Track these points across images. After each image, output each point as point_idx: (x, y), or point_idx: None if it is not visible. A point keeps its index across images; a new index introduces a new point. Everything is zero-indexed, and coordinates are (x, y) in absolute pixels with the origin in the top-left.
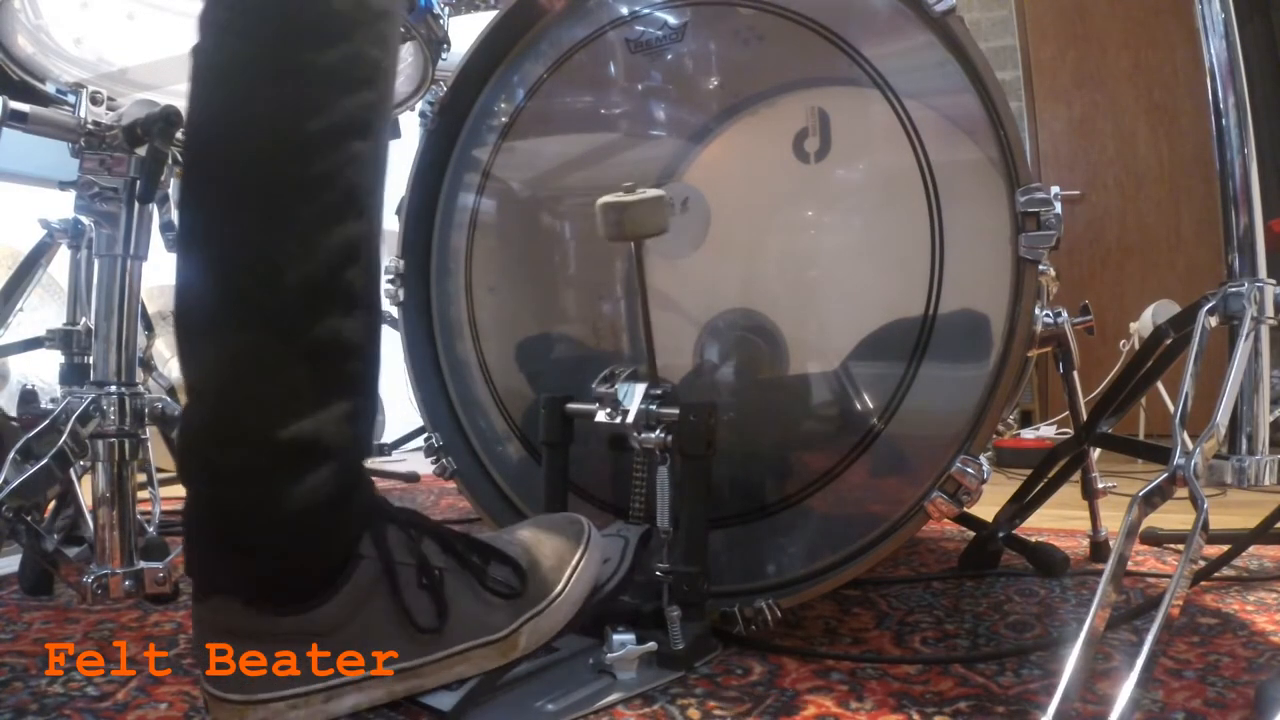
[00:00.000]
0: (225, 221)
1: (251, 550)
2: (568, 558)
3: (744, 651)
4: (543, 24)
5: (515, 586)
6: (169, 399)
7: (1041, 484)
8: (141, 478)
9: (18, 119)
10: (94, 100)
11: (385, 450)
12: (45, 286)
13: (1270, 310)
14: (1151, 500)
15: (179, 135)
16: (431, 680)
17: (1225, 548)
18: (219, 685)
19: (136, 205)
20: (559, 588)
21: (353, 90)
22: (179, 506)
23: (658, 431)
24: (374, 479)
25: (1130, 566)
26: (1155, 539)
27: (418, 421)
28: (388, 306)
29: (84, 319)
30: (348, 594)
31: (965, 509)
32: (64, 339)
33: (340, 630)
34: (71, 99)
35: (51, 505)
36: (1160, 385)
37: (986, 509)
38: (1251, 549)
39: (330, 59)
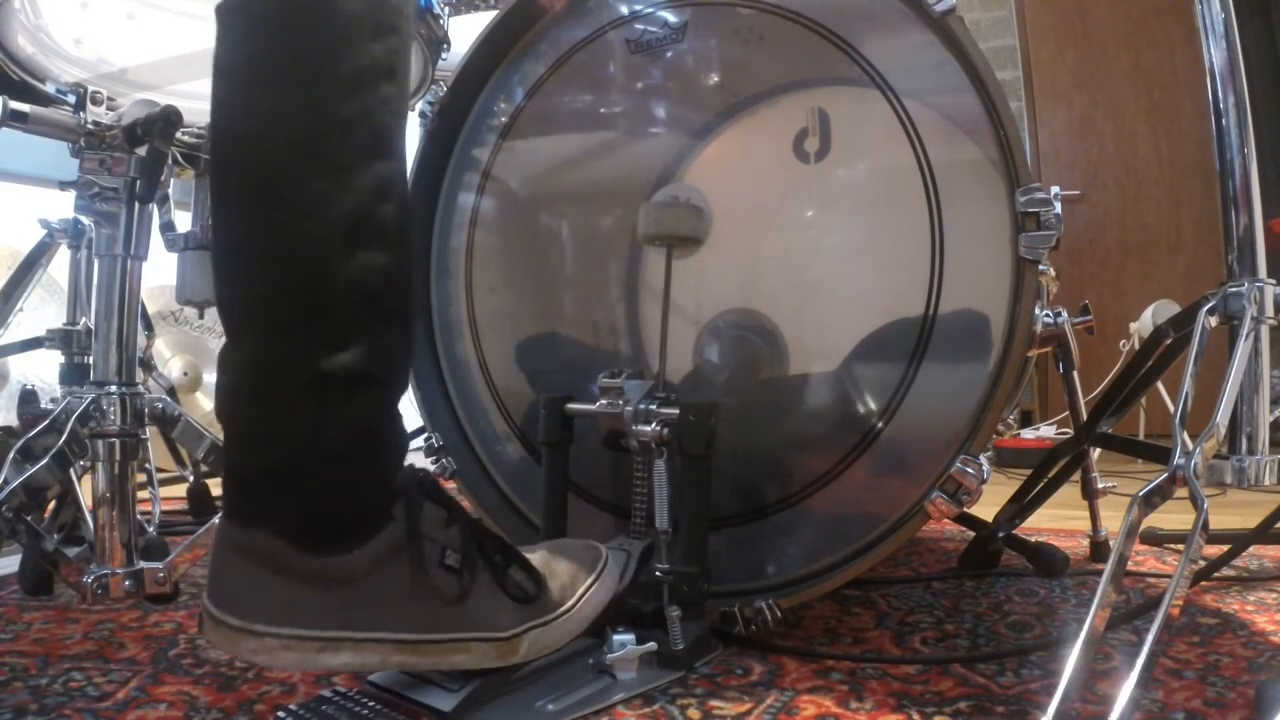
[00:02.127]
0: (261, 166)
1: (295, 482)
2: (581, 579)
3: (744, 651)
4: (543, 24)
5: (529, 592)
6: (169, 399)
7: (1041, 484)
8: (141, 478)
9: (18, 119)
10: (94, 100)
11: None
12: (45, 286)
13: (1270, 310)
14: (1151, 500)
15: (183, 133)
16: (427, 661)
17: (1225, 548)
18: (221, 605)
19: (136, 205)
20: (568, 605)
21: (379, 35)
22: (179, 506)
23: (654, 425)
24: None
25: (1130, 566)
26: (1155, 539)
27: (418, 421)
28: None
29: (84, 319)
30: (371, 550)
31: (965, 509)
32: (64, 339)
33: (355, 584)
34: (71, 99)
35: (51, 505)
36: (1160, 385)
37: (986, 509)
38: (1251, 549)
39: (356, 7)
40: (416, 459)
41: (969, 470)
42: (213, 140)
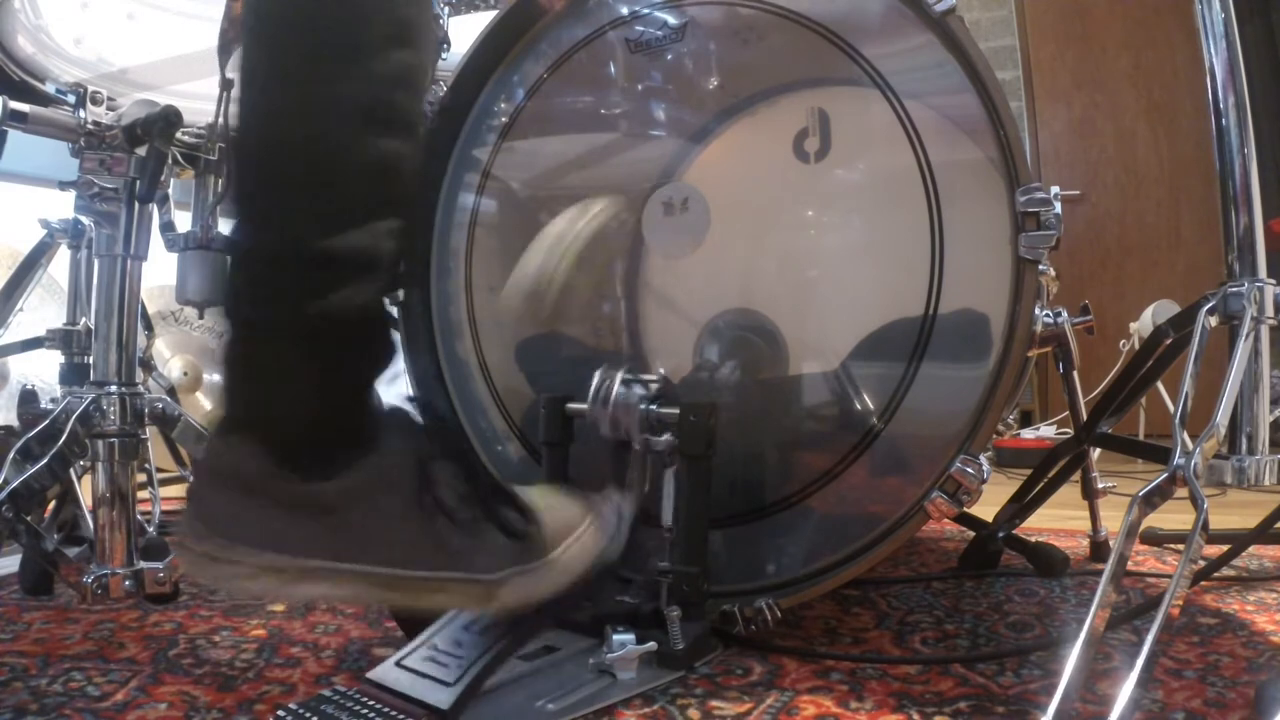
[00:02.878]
0: (285, 52)
1: (286, 373)
2: (572, 527)
3: (744, 651)
4: (543, 24)
5: (519, 529)
6: (169, 399)
7: (1041, 484)
8: (141, 478)
9: (18, 119)
10: (94, 100)
11: None
12: (45, 286)
13: (1270, 310)
14: (1151, 500)
15: (183, 133)
16: (406, 598)
17: (1225, 548)
18: (202, 524)
19: (136, 205)
20: (555, 552)
21: None
22: (179, 506)
23: (666, 435)
24: None
25: (1130, 566)
26: (1155, 539)
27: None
28: (387, 306)
29: (84, 319)
30: (359, 476)
31: (965, 509)
32: (64, 339)
33: (340, 512)
34: (71, 99)
35: (51, 505)
36: (1160, 385)
37: (986, 509)
38: (1251, 549)
39: None
40: None
41: (969, 470)
42: (245, 22)
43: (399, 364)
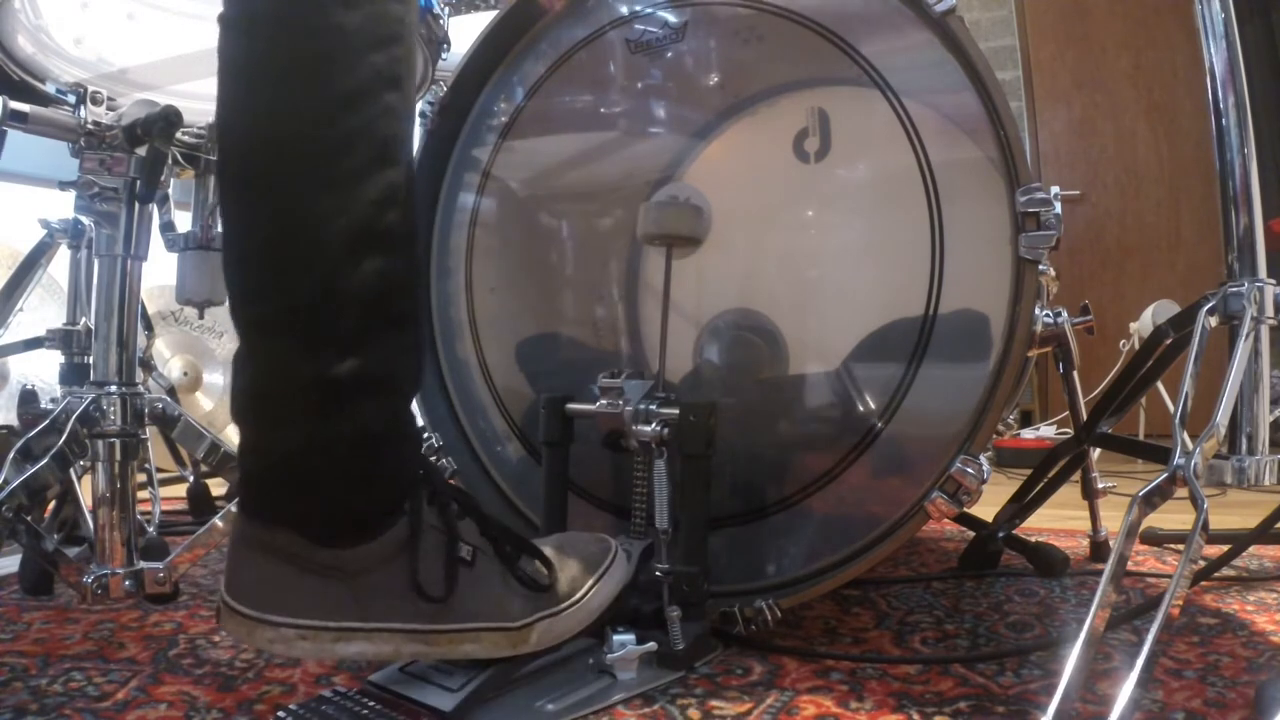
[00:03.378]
0: (268, 182)
1: (308, 485)
2: (590, 571)
3: (744, 651)
4: (543, 24)
5: (541, 582)
6: (169, 399)
7: (1041, 484)
8: (141, 478)
9: (18, 119)
10: (94, 100)
11: None
12: (45, 286)
13: (1270, 310)
14: (1151, 500)
15: (184, 133)
16: (439, 651)
17: (1225, 548)
18: (238, 597)
19: (136, 205)
20: (578, 596)
21: (380, 46)
22: (179, 506)
23: (654, 425)
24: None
25: (1130, 566)
26: (1155, 539)
27: (418, 421)
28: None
29: (84, 319)
30: (383, 543)
31: (965, 509)
32: (64, 339)
33: (368, 575)
34: (71, 99)
35: (51, 505)
36: (1160, 385)
37: (986, 509)
38: (1251, 549)
39: (356, 18)
40: None
41: (969, 470)
42: (220, 154)
43: None
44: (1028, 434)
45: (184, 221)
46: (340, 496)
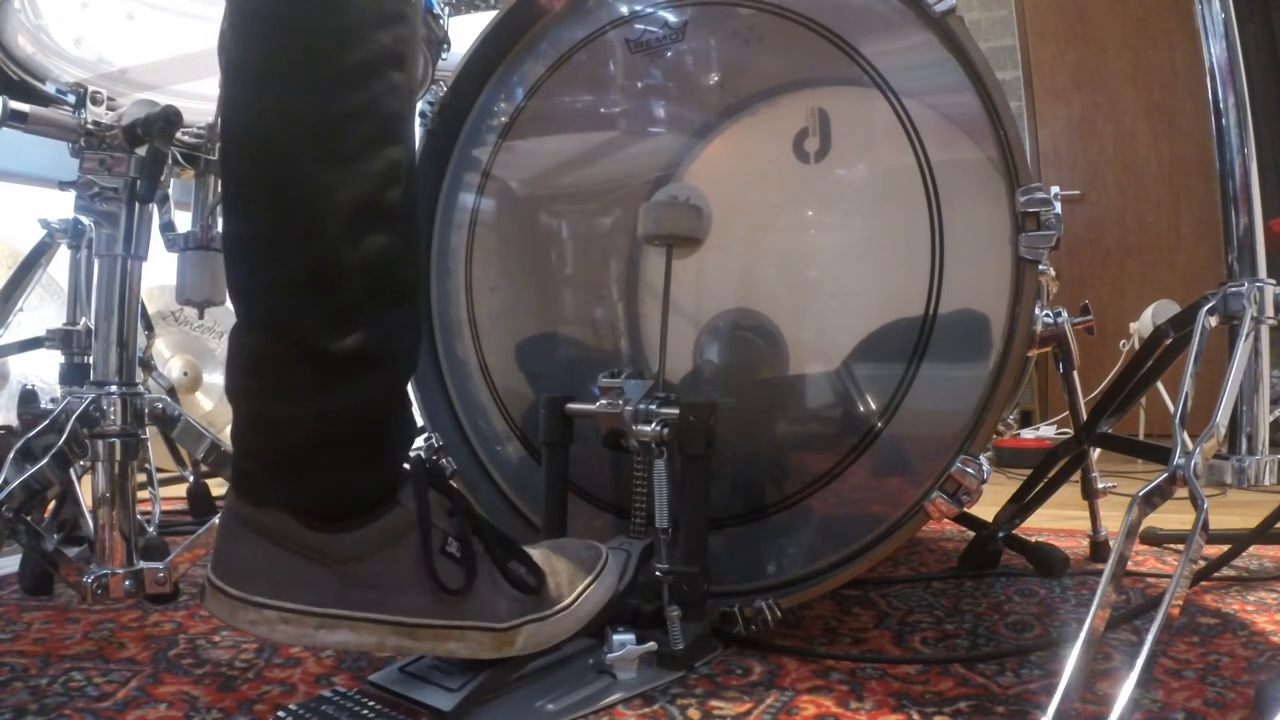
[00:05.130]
0: (272, 161)
1: (305, 463)
2: (580, 577)
3: (744, 651)
4: (543, 24)
5: (530, 585)
6: (169, 399)
7: (1041, 484)
8: (141, 478)
9: (18, 119)
10: (94, 100)
11: None
12: (45, 286)
13: (1270, 310)
14: (1151, 500)
15: (184, 133)
16: (423, 646)
17: (1225, 548)
18: (223, 576)
19: (136, 205)
20: (566, 601)
21: (386, 24)
22: (179, 506)
23: (654, 425)
24: None
25: (1130, 566)
26: (1155, 539)
27: (418, 421)
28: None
29: (84, 319)
30: (376, 530)
31: (965, 509)
32: (64, 339)
33: (358, 563)
34: (71, 99)
35: (51, 505)
36: (1160, 385)
37: (986, 509)
38: (1251, 549)
39: None
40: None
41: (969, 470)
42: (223, 137)
43: None
44: (1028, 434)
45: (184, 221)
46: (335, 474)
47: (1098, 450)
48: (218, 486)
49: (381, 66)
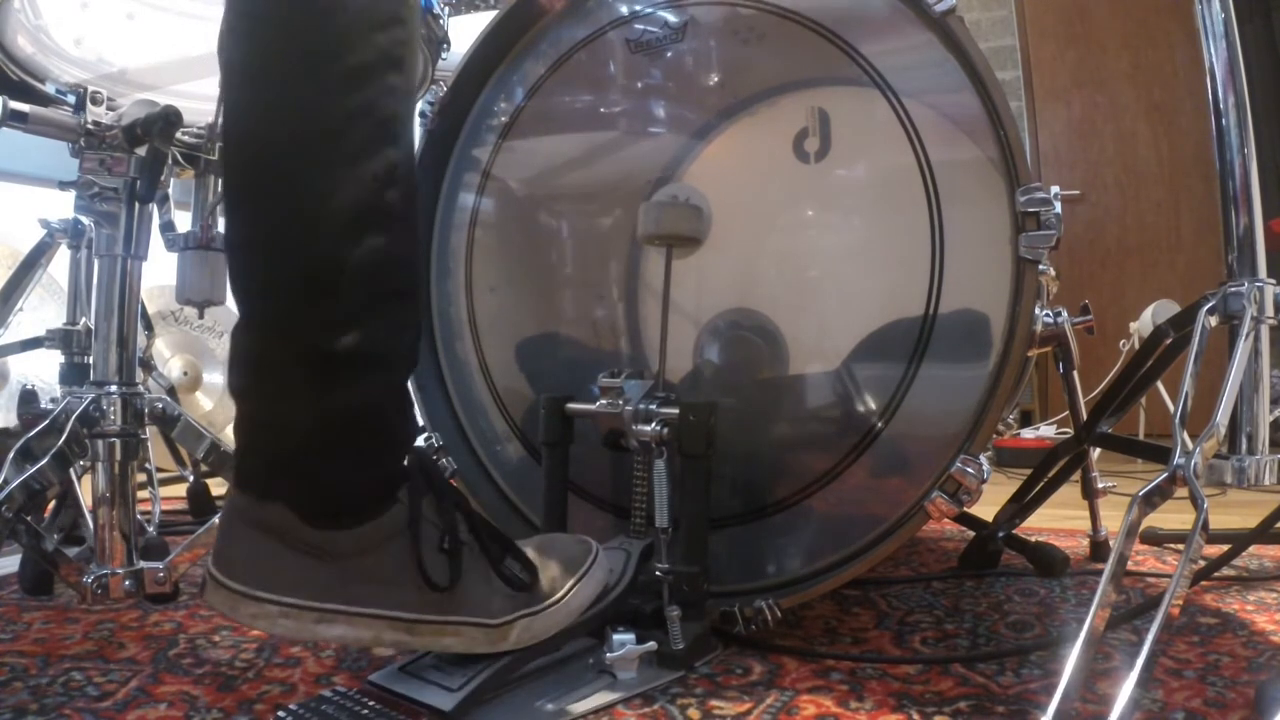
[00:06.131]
0: (271, 162)
1: (306, 461)
2: (571, 572)
3: (744, 651)
4: (543, 24)
5: (524, 580)
6: (169, 399)
7: (1041, 484)
8: (141, 478)
9: (18, 119)
10: (94, 100)
11: None
12: (45, 286)
13: (1270, 310)
14: (1151, 500)
15: (183, 133)
16: (419, 641)
17: (1225, 548)
18: (224, 570)
19: (136, 205)
20: (558, 595)
21: (384, 26)
22: (179, 506)
23: (654, 425)
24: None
25: (1130, 566)
26: (1155, 539)
27: (418, 421)
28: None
29: (84, 319)
30: (373, 527)
31: (965, 509)
32: (64, 339)
33: (356, 559)
34: (71, 99)
35: (51, 505)
36: (1160, 385)
37: (986, 509)
38: (1251, 549)
39: (360, 0)
40: None
41: (969, 470)
42: (224, 138)
43: None
44: (1028, 434)
45: (184, 221)
46: (335, 473)
47: (1098, 450)
48: (218, 486)
49: (379, 69)
